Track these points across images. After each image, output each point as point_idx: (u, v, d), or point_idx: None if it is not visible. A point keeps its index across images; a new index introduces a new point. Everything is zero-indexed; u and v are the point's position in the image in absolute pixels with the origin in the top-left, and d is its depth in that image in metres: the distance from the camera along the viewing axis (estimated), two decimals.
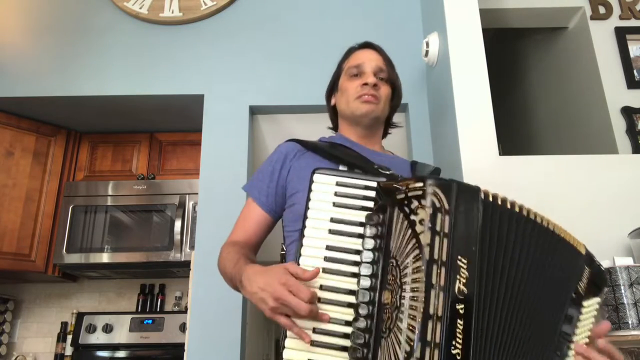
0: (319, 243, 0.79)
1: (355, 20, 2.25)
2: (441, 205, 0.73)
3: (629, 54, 2.15)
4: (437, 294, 0.69)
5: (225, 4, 2.26)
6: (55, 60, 2.21)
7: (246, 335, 1.92)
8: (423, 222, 0.72)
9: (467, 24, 1.71)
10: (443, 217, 0.72)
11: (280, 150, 1.14)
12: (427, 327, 0.67)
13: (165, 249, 2.34)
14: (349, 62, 1.21)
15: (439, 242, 0.71)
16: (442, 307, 0.69)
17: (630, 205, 1.46)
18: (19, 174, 2.33)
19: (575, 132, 2.38)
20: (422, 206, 0.73)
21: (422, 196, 0.74)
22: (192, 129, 2.49)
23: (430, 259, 0.70)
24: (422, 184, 0.75)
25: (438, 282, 0.69)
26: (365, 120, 1.15)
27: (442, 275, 0.70)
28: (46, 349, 2.58)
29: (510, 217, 0.78)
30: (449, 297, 0.69)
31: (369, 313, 0.74)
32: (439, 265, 0.70)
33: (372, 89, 1.13)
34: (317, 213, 0.81)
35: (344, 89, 1.18)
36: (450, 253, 0.71)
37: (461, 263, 0.71)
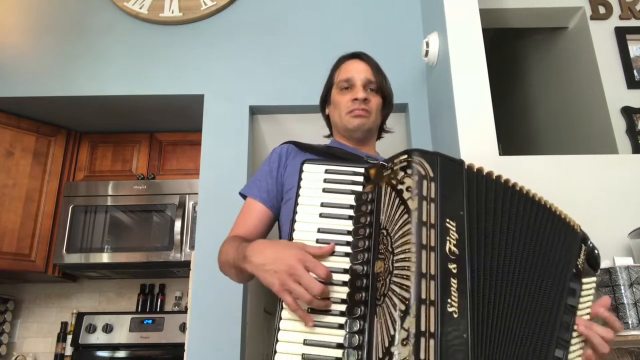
0: (311, 227, 0.80)
1: (355, 20, 2.25)
2: (426, 173, 0.75)
3: (629, 54, 2.15)
4: (428, 253, 0.70)
5: (225, 4, 2.26)
6: (55, 60, 2.21)
7: (246, 335, 1.92)
8: (410, 189, 0.74)
9: (467, 24, 1.71)
10: (429, 184, 0.74)
11: (276, 152, 1.16)
12: (420, 285, 0.67)
13: (165, 249, 2.34)
14: (339, 75, 1.23)
15: (426, 206, 0.73)
16: (434, 266, 0.69)
17: (630, 205, 1.46)
18: (19, 174, 2.33)
19: (575, 132, 2.38)
20: (408, 175, 0.75)
21: (407, 166, 0.76)
22: (192, 129, 2.49)
23: (419, 221, 0.71)
24: (407, 155, 0.77)
25: (428, 243, 0.70)
26: (357, 133, 1.19)
27: (432, 236, 0.71)
28: (46, 349, 2.58)
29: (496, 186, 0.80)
30: (440, 257, 0.70)
31: (364, 285, 0.73)
32: (428, 228, 0.71)
33: (362, 104, 1.16)
34: (307, 199, 0.82)
35: (336, 103, 1.21)
36: (439, 216, 0.72)
37: (450, 225, 0.73)
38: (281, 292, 0.75)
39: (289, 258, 0.75)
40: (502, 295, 0.74)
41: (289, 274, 0.74)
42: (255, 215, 1.11)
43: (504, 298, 0.74)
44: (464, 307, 0.68)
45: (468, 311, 0.68)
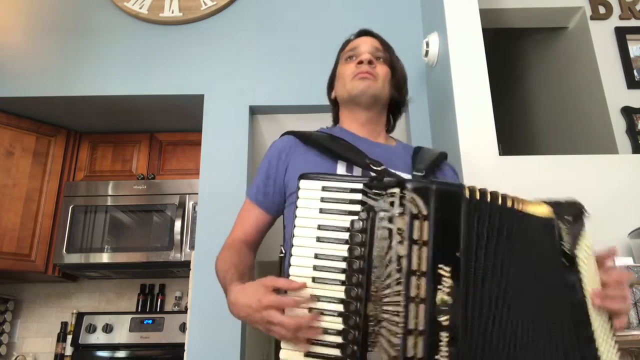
0: (308, 252, 0.78)
1: (355, 20, 2.24)
2: (419, 212, 0.71)
3: (629, 54, 2.15)
4: (417, 307, 0.67)
5: (225, 4, 2.26)
6: (55, 60, 2.21)
7: (246, 335, 1.92)
8: (400, 231, 0.70)
9: (467, 24, 1.71)
10: (421, 224, 0.70)
11: (276, 146, 1.11)
12: (407, 343, 0.66)
13: (165, 249, 2.34)
14: (344, 51, 1.18)
15: (417, 251, 0.69)
16: (423, 321, 0.67)
17: (630, 205, 1.46)
18: (19, 174, 2.33)
19: (575, 132, 2.38)
20: (399, 214, 0.71)
21: (399, 202, 0.72)
22: (192, 129, 2.49)
23: (407, 271, 0.68)
24: (399, 189, 0.73)
25: (418, 295, 0.68)
26: (363, 98, 1.10)
27: (422, 286, 0.68)
28: (46, 349, 2.58)
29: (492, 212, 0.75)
30: (430, 309, 0.67)
31: (356, 324, 0.71)
32: (418, 277, 0.68)
33: (367, 66, 1.09)
34: (304, 221, 0.80)
35: (341, 73, 1.15)
36: (430, 263, 0.69)
37: (443, 272, 0.69)
38: (269, 333, 0.77)
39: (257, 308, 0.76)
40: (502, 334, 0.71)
41: (265, 322, 0.75)
42: (252, 218, 1.10)
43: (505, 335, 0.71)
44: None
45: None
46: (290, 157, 1.07)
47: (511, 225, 0.76)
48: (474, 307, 0.70)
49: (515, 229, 0.76)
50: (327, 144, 1.05)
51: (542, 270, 0.77)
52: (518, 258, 0.75)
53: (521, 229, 0.77)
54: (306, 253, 0.78)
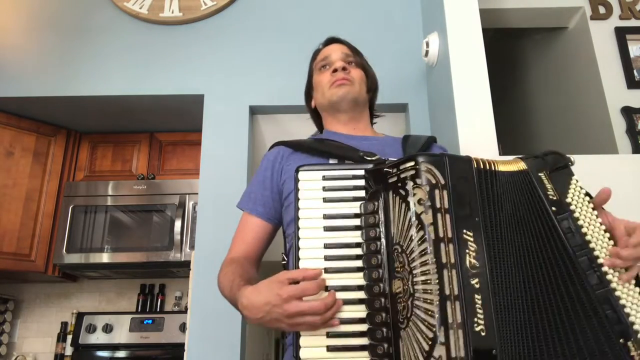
0: (316, 243, 0.76)
1: (355, 20, 2.25)
2: (437, 181, 0.71)
3: (629, 54, 2.15)
4: (450, 272, 0.67)
5: (225, 4, 2.26)
6: (55, 60, 2.21)
7: (246, 335, 1.92)
8: (422, 201, 0.70)
9: (467, 24, 1.71)
10: (441, 193, 0.70)
11: (267, 158, 1.11)
12: (446, 308, 0.65)
13: (165, 249, 2.34)
14: (317, 60, 1.23)
15: (441, 219, 0.69)
16: (457, 286, 0.66)
17: (631, 205, 1.46)
18: (19, 174, 2.33)
19: (575, 132, 2.38)
20: (417, 185, 0.71)
21: (416, 175, 0.72)
22: (192, 129, 2.49)
23: (436, 238, 0.68)
24: (414, 162, 0.73)
25: (449, 261, 0.67)
26: (343, 104, 1.14)
27: (451, 252, 0.68)
28: (46, 349, 2.58)
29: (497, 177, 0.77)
30: (462, 274, 0.67)
31: (383, 305, 0.70)
32: (446, 243, 0.68)
33: (342, 73, 1.13)
34: (308, 212, 0.78)
35: (317, 83, 1.19)
36: (455, 228, 0.69)
37: (467, 237, 0.70)
38: (294, 330, 0.73)
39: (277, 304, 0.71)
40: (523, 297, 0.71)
41: (288, 316, 0.71)
42: (252, 230, 1.07)
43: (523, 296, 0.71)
44: (490, 323, 0.66)
45: (494, 327, 0.66)
46: (284, 164, 1.07)
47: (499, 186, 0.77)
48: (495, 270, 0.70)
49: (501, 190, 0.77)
50: (317, 146, 1.06)
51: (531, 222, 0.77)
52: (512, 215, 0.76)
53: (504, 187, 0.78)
54: (314, 244, 0.76)
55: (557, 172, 0.81)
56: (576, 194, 0.79)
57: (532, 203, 0.78)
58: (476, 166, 0.76)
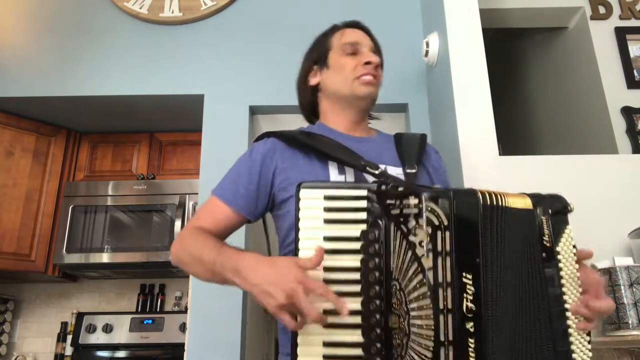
0: None
1: (356, 19, 2.24)
2: (440, 223, 0.70)
3: (629, 54, 2.15)
4: (446, 318, 0.68)
5: (225, 4, 2.26)
6: (55, 60, 2.21)
7: (246, 335, 1.92)
8: (423, 243, 0.70)
9: (467, 24, 1.71)
10: (443, 235, 0.70)
11: (257, 150, 1.04)
12: (439, 355, 0.66)
13: (165, 249, 2.34)
14: (342, 38, 1.11)
15: (441, 262, 0.69)
16: (452, 330, 0.67)
17: (630, 205, 1.46)
18: (19, 174, 2.33)
19: (575, 132, 2.38)
20: (419, 226, 0.71)
21: (418, 214, 0.71)
22: (192, 129, 2.49)
23: (435, 283, 0.69)
24: (418, 200, 0.72)
25: (446, 306, 0.68)
26: (363, 103, 1.08)
27: (449, 297, 0.68)
28: (46, 349, 2.58)
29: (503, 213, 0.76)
30: (458, 318, 0.68)
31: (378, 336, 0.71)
32: (445, 288, 0.69)
33: (374, 69, 1.06)
34: (308, 232, 0.76)
35: (340, 66, 1.07)
36: (455, 272, 0.69)
37: (466, 280, 0.70)
38: (277, 314, 0.72)
39: (287, 280, 0.71)
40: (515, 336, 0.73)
41: (288, 296, 0.70)
42: (224, 218, 1.00)
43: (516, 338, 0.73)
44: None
45: None
46: (276, 161, 1.01)
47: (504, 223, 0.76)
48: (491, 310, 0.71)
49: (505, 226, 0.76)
50: (315, 144, 1.00)
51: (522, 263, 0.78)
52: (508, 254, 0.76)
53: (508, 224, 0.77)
54: None
55: (555, 216, 0.81)
56: (566, 244, 0.80)
57: (529, 244, 0.78)
58: (482, 202, 0.74)
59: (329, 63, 1.11)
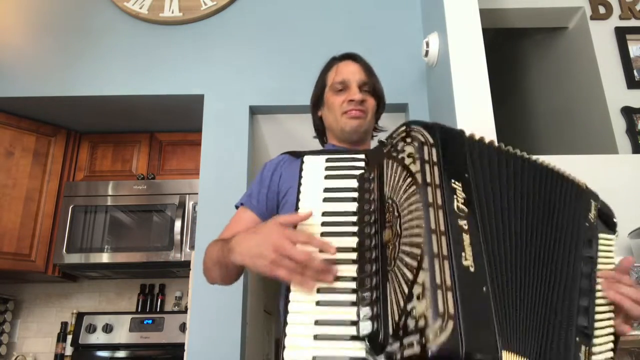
0: (315, 211, 0.79)
1: (356, 20, 2.25)
2: (426, 140, 0.73)
3: (629, 54, 2.15)
4: (436, 211, 0.67)
5: (225, 4, 2.26)
6: (55, 60, 2.21)
7: (246, 335, 1.92)
8: (411, 154, 0.72)
9: (467, 24, 1.71)
10: (430, 149, 0.72)
11: (271, 162, 1.16)
12: (431, 240, 0.64)
13: (165, 249, 2.34)
14: (333, 77, 1.22)
15: (429, 168, 0.70)
16: (443, 223, 0.66)
17: (630, 205, 1.46)
18: (19, 174, 2.33)
19: (575, 132, 2.38)
20: (407, 143, 0.74)
21: (407, 136, 0.75)
22: (192, 129, 2.49)
23: (423, 182, 0.69)
24: (405, 126, 0.76)
25: (435, 201, 0.67)
26: (354, 136, 1.18)
27: (438, 195, 0.68)
28: (46, 349, 2.58)
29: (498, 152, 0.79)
30: (449, 213, 0.67)
31: (373, 257, 0.71)
32: (434, 187, 0.69)
33: (358, 105, 1.16)
34: (310, 187, 0.81)
35: (331, 104, 1.20)
36: (444, 177, 0.70)
37: (456, 186, 0.70)
38: (272, 271, 0.74)
39: (271, 237, 0.74)
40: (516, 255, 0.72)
41: (274, 250, 0.73)
42: (243, 222, 1.10)
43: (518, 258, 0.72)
44: (480, 262, 0.65)
45: (485, 266, 0.66)
46: (284, 168, 1.11)
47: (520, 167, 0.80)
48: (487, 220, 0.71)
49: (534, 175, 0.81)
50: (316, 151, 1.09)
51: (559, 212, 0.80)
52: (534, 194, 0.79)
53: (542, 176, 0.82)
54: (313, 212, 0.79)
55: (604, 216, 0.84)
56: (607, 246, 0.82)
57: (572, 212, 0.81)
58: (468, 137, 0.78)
59: (325, 100, 1.23)
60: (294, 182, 0.86)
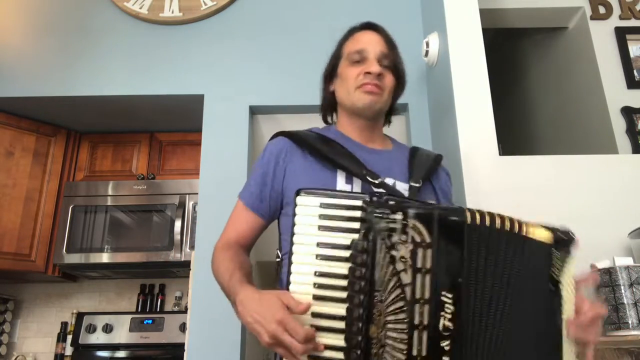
0: (308, 269, 0.78)
1: (355, 19, 2.23)
2: (422, 240, 0.71)
3: (629, 54, 2.15)
4: (420, 334, 0.69)
5: (225, 4, 2.26)
6: (55, 60, 2.21)
7: (246, 335, 1.92)
8: (404, 259, 0.71)
9: (467, 24, 1.71)
10: (424, 252, 0.71)
11: (270, 151, 1.07)
12: None
13: (165, 249, 2.34)
14: (350, 46, 1.11)
15: (420, 280, 0.70)
16: (425, 347, 0.68)
17: (630, 205, 1.46)
18: (19, 174, 2.33)
19: (575, 132, 2.38)
20: (402, 242, 0.72)
21: (402, 230, 0.72)
22: (192, 129, 2.49)
23: (412, 299, 0.70)
24: (402, 216, 0.73)
25: (421, 322, 0.69)
26: (367, 112, 1.07)
27: (425, 313, 0.69)
28: (46, 349, 2.58)
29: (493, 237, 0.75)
30: (432, 336, 0.69)
31: (359, 344, 0.72)
32: (422, 304, 0.70)
33: (375, 79, 1.05)
34: (303, 238, 0.79)
35: (345, 76, 1.09)
36: (434, 289, 0.70)
37: (446, 298, 0.70)
38: (270, 347, 0.76)
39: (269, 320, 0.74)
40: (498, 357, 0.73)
41: (271, 336, 0.73)
42: (246, 222, 1.07)
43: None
44: None
45: None
46: (287, 162, 1.04)
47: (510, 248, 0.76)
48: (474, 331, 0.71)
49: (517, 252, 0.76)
50: (325, 151, 1.02)
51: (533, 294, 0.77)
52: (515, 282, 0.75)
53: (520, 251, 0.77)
54: (306, 270, 0.78)
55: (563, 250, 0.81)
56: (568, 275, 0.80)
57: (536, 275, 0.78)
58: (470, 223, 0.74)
59: (339, 72, 1.12)
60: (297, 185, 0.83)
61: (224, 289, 0.96)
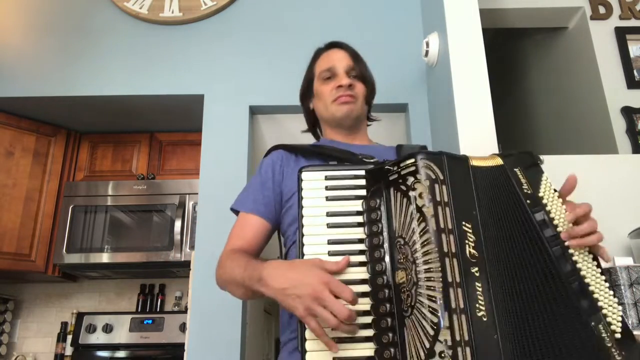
0: (320, 239, 0.78)
1: (355, 20, 2.25)
2: (436, 177, 0.75)
3: (629, 54, 2.15)
4: (451, 261, 0.70)
5: (225, 4, 2.26)
6: (55, 60, 2.21)
7: (246, 335, 1.92)
8: (423, 195, 0.74)
9: (467, 24, 1.71)
10: (441, 187, 0.75)
11: (266, 163, 1.11)
12: (449, 294, 0.68)
13: (165, 249, 2.34)
14: (320, 65, 1.21)
15: (441, 211, 0.73)
16: (458, 273, 0.70)
17: (630, 205, 1.46)
18: (19, 174, 2.33)
19: (575, 132, 2.38)
20: (418, 180, 0.75)
21: (416, 171, 0.76)
22: (192, 129, 2.49)
23: (437, 228, 0.72)
24: (414, 159, 0.77)
25: (449, 250, 0.71)
26: (347, 121, 1.16)
27: (452, 242, 0.72)
28: (46, 349, 2.58)
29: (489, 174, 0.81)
30: (463, 262, 0.71)
31: (387, 296, 0.73)
32: (447, 234, 0.72)
33: (347, 90, 1.14)
34: (312, 210, 0.80)
35: (320, 93, 1.19)
36: (455, 220, 0.73)
37: (466, 228, 0.74)
38: (305, 317, 0.72)
39: (312, 282, 0.71)
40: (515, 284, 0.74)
41: (314, 298, 0.71)
42: (252, 228, 1.05)
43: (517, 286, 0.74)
44: (490, 309, 0.70)
45: (494, 311, 0.70)
46: (284, 167, 1.08)
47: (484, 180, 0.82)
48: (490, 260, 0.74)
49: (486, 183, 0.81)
50: (317, 150, 1.09)
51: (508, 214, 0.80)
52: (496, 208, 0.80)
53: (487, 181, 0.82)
54: (318, 241, 0.78)
55: (529, 169, 0.85)
56: (547, 188, 0.83)
57: (508, 197, 0.82)
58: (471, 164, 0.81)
59: (314, 91, 1.22)
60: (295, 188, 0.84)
61: (240, 282, 0.89)
